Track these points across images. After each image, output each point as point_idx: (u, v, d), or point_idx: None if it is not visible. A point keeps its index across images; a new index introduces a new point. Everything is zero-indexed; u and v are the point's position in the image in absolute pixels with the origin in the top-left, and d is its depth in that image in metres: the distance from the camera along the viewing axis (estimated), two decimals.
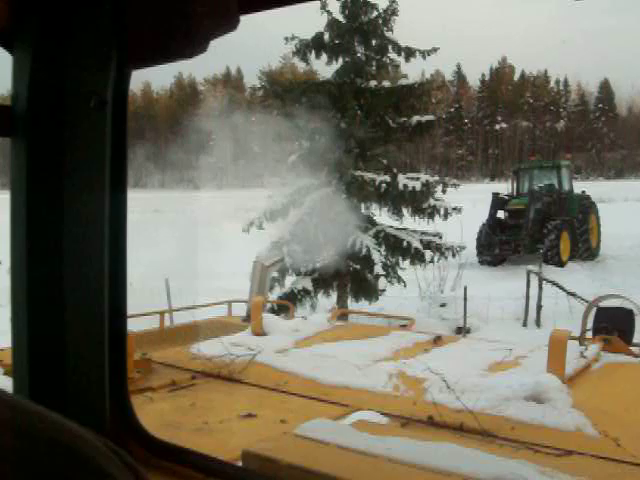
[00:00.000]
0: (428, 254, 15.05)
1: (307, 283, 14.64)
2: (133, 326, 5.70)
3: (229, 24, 1.63)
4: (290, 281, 14.95)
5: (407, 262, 15.29)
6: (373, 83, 15.25)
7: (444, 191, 15.44)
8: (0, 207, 2.94)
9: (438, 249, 15.31)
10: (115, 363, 1.89)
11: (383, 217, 15.83)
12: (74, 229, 1.76)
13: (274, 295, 13.96)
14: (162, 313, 7.37)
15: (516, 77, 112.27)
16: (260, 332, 5.93)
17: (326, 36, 15.37)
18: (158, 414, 4.33)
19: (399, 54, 15.55)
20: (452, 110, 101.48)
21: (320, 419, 2.87)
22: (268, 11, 1.73)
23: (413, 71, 17.79)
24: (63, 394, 1.77)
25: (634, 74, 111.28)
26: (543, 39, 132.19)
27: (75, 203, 1.75)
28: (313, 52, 15.43)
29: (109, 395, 1.88)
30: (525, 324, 15.10)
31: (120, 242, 1.86)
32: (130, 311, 2.07)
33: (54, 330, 1.75)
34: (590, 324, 5.46)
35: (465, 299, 14.04)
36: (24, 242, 1.71)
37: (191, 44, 1.66)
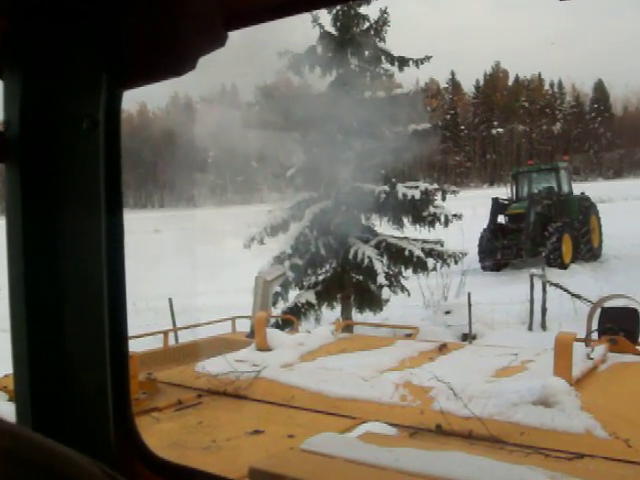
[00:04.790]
0: (430, 262, 15.04)
1: (310, 296, 14.61)
2: (138, 346, 5.68)
3: (217, 41, 1.63)
4: (293, 295, 14.92)
5: (410, 271, 15.26)
6: (368, 94, 15.29)
7: (444, 198, 15.43)
8: None
9: (440, 256, 15.28)
10: (118, 385, 1.88)
11: (384, 227, 15.82)
12: (71, 251, 1.75)
13: (278, 310, 13.93)
14: (166, 332, 7.34)
15: (510, 81, 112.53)
16: (265, 347, 5.90)
17: (319, 49, 15.43)
18: (165, 434, 4.31)
19: (392, 64, 15.61)
20: (448, 117, 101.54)
21: (326, 433, 2.85)
22: (260, 27, 1.74)
23: (407, 80, 17.82)
24: (66, 419, 1.75)
25: (627, 73, 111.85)
26: (535, 42, 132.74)
27: (71, 225, 1.75)
28: (307, 66, 15.48)
29: (113, 418, 1.86)
30: (531, 328, 15.05)
31: (119, 262, 1.85)
32: (136, 331, 2.07)
33: (54, 354, 1.74)
34: (596, 325, 5.43)
35: (469, 305, 14.00)
36: (21, 267, 1.70)
37: (180, 62, 1.66)
